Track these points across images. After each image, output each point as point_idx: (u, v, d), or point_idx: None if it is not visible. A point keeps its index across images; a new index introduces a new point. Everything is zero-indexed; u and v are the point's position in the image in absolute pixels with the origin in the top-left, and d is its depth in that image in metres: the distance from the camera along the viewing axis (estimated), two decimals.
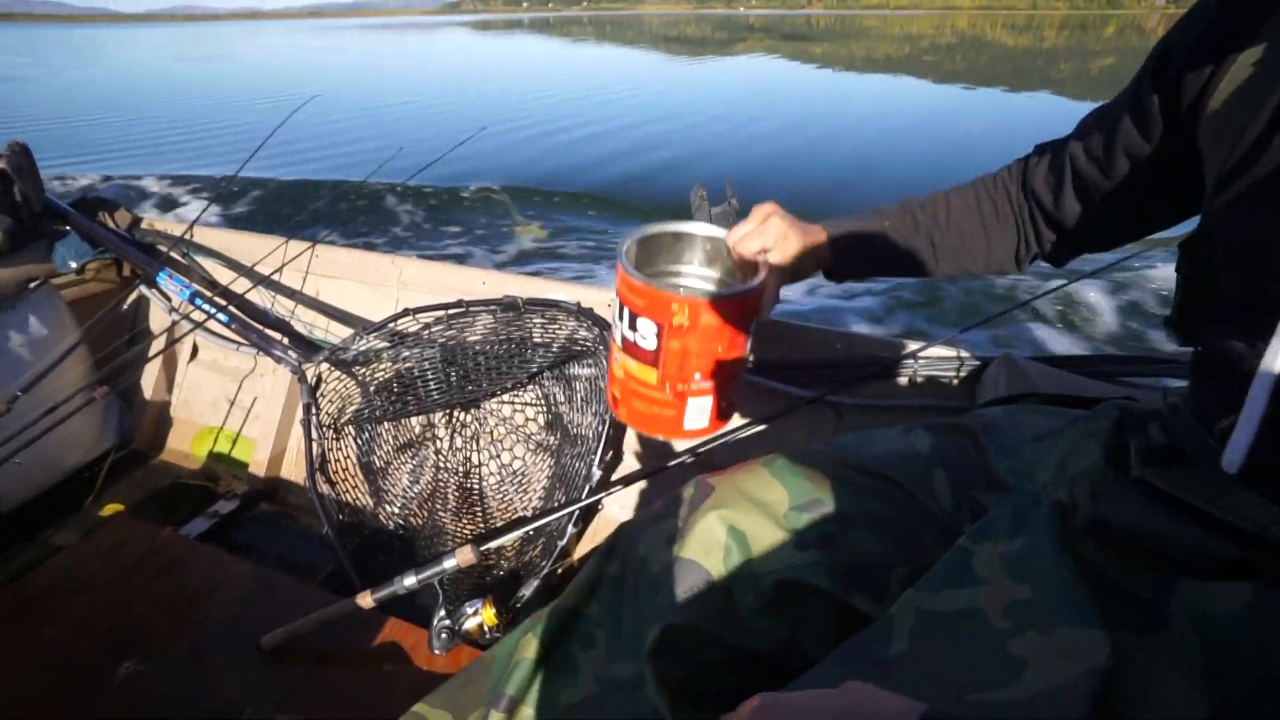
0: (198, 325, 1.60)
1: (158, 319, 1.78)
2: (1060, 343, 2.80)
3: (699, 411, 0.67)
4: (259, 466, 1.58)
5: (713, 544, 0.63)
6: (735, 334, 0.64)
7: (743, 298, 0.64)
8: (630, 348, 0.66)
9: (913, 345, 1.19)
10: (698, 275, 0.76)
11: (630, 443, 1.37)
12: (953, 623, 0.49)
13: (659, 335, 0.63)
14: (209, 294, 1.59)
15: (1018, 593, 0.48)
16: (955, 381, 1.18)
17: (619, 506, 1.35)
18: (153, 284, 1.67)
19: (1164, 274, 3.33)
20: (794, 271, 0.80)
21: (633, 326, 0.64)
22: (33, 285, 1.56)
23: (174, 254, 1.70)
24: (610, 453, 1.22)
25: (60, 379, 1.43)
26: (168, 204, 4.67)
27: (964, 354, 1.18)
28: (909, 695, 0.45)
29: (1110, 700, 0.42)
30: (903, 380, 1.20)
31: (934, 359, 1.17)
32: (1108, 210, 0.70)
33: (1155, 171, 0.64)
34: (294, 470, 1.58)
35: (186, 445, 1.74)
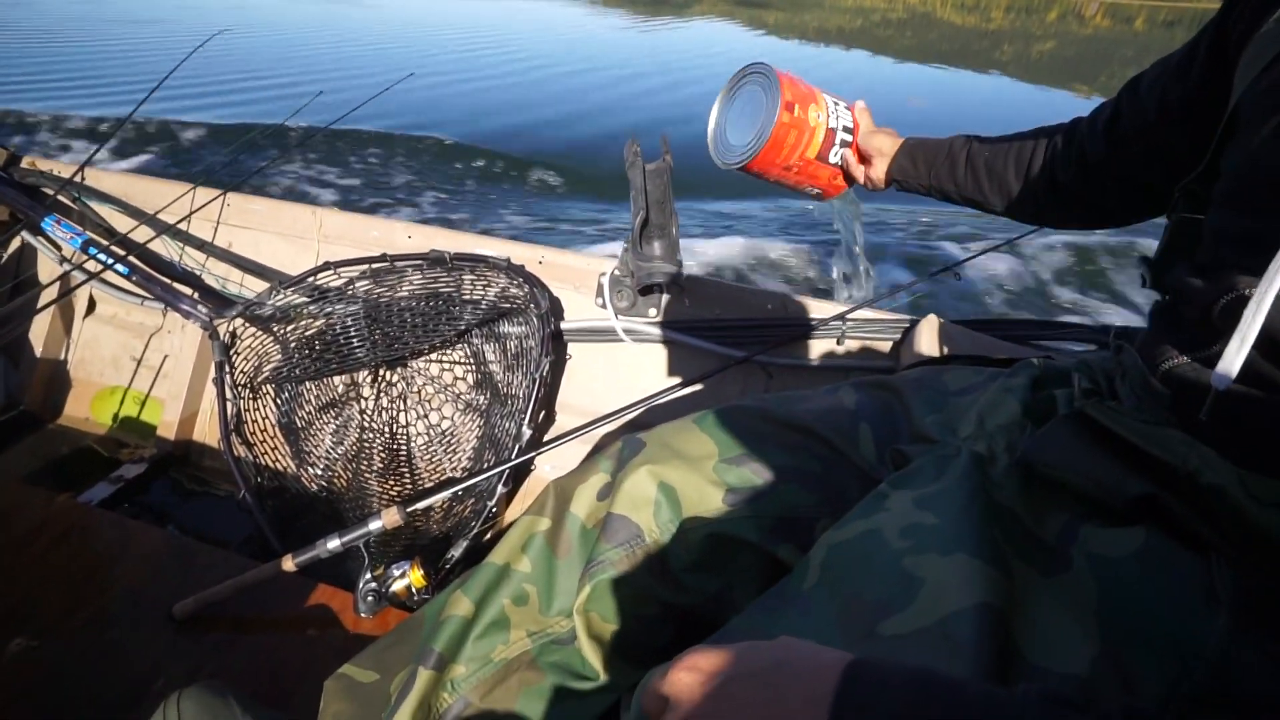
0: (93, 276, 1.48)
1: (45, 269, 1.63)
2: (981, 307, 2.93)
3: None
4: (168, 429, 1.48)
5: (643, 499, 0.64)
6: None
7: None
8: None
9: (842, 307, 1.21)
10: None
11: (562, 403, 1.35)
12: (854, 545, 0.51)
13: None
14: (105, 242, 1.46)
15: (919, 518, 0.51)
16: (882, 343, 1.21)
17: (550, 466, 1.34)
18: (37, 230, 1.52)
19: (1075, 247, 3.52)
20: (878, 152, 0.90)
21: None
22: None
23: (62, 198, 1.55)
24: (542, 413, 1.21)
25: None
26: (52, 145, 4.25)
27: (890, 316, 1.21)
28: (824, 629, 0.47)
29: (1013, 637, 0.44)
30: (832, 341, 1.22)
31: (862, 321, 1.20)
32: (1137, 155, 0.68)
33: (1192, 117, 0.62)
34: (208, 432, 1.50)
35: (84, 407, 1.62)
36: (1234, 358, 0.43)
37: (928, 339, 1.16)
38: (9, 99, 5.16)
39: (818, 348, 1.24)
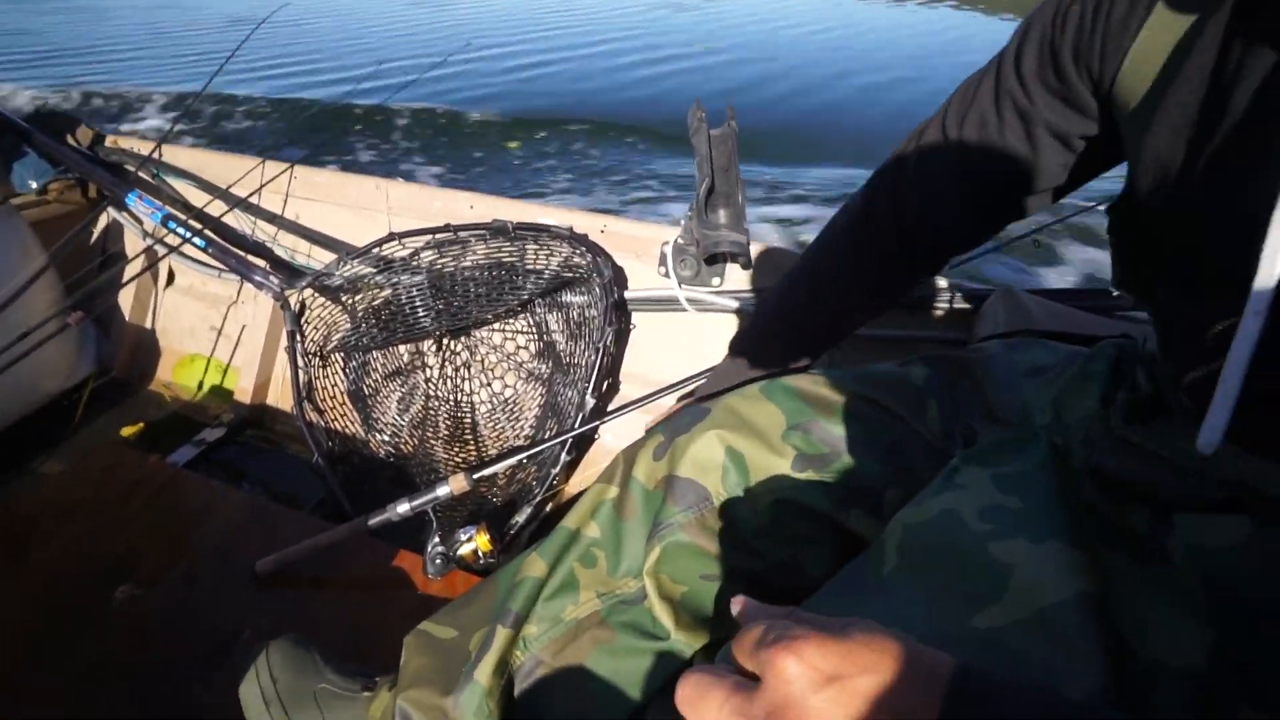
0: (172, 249, 1.54)
1: (130, 243, 1.70)
2: (1062, 276, 2.78)
3: None
4: (244, 394, 1.55)
5: (711, 464, 0.64)
6: None
7: None
8: None
9: None
10: None
11: (626, 372, 1.35)
12: (931, 528, 0.50)
13: None
14: (183, 216, 1.51)
15: (1001, 500, 0.48)
16: (953, 314, 1.17)
17: (612, 435, 1.35)
18: (122, 206, 1.59)
19: None
20: None
21: None
22: None
23: (142, 174, 1.61)
24: (605, 382, 1.21)
25: (29, 303, 1.38)
26: (128, 120, 4.43)
27: (963, 285, 1.16)
28: (911, 619, 0.45)
29: (1119, 629, 0.42)
30: (903, 312, 1.18)
31: (933, 290, 1.16)
32: (1018, 188, 0.65)
33: (1060, 144, 0.59)
34: (281, 398, 1.56)
35: (168, 373, 1.70)
36: (1217, 423, 0.40)
37: (1002, 310, 1.11)
38: (89, 78, 5.39)
39: (887, 318, 1.20)
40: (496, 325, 1.42)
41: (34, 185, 1.68)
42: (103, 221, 1.70)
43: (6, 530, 1.13)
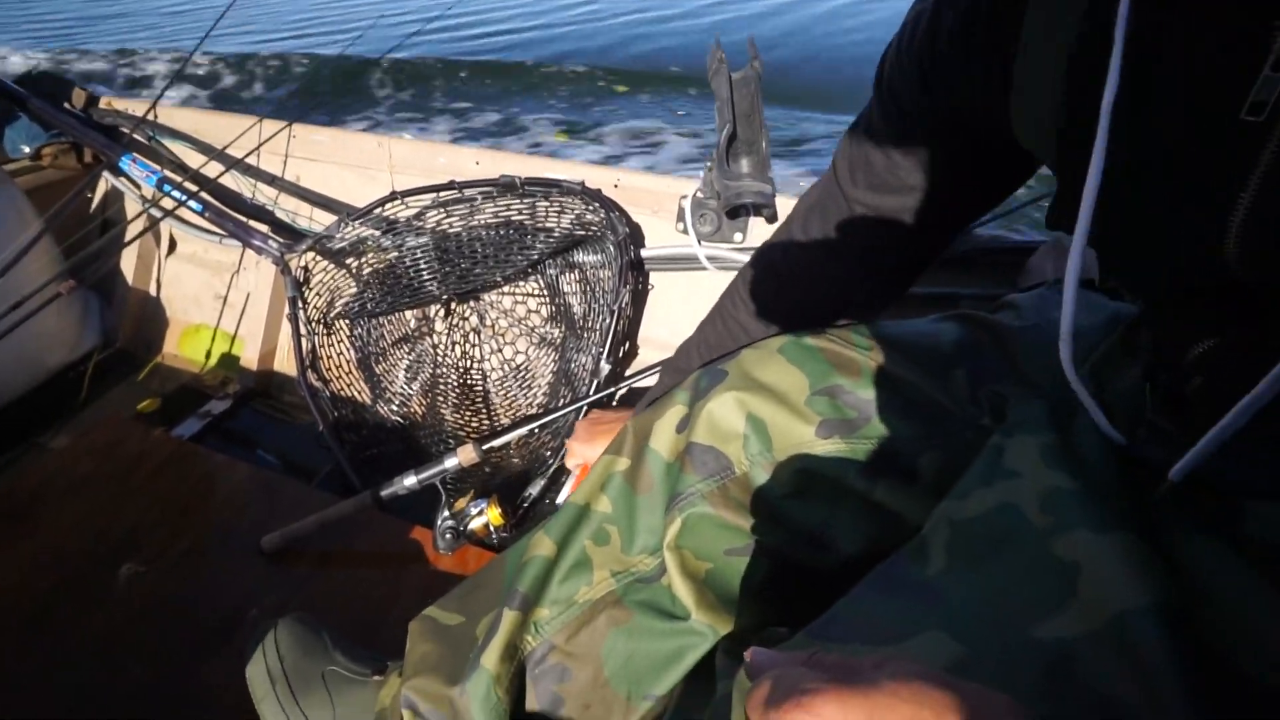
0: (168, 213, 1.49)
1: (128, 209, 1.65)
2: None
3: None
4: (249, 364, 1.51)
5: (731, 432, 0.60)
6: None
7: None
8: None
9: None
10: None
11: (643, 336, 1.29)
12: (986, 525, 0.45)
13: None
14: (178, 179, 1.46)
15: (1053, 479, 0.44)
16: (1000, 267, 1.08)
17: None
18: (116, 170, 1.53)
19: None
20: None
21: None
22: None
23: (137, 136, 1.55)
24: (621, 346, 1.15)
25: (27, 273, 1.33)
26: (123, 81, 4.33)
27: (1009, 238, 1.08)
28: (965, 628, 0.40)
29: (1207, 639, 0.36)
30: (940, 265, 1.10)
31: (976, 241, 1.07)
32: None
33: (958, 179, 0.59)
34: (288, 367, 1.52)
35: (173, 344, 1.66)
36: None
37: (1051, 263, 1.03)
38: (75, 39, 5.29)
39: (927, 272, 1.12)
40: (506, 288, 1.36)
41: (26, 150, 1.62)
42: (101, 188, 1.65)
43: (12, 506, 1.11)
